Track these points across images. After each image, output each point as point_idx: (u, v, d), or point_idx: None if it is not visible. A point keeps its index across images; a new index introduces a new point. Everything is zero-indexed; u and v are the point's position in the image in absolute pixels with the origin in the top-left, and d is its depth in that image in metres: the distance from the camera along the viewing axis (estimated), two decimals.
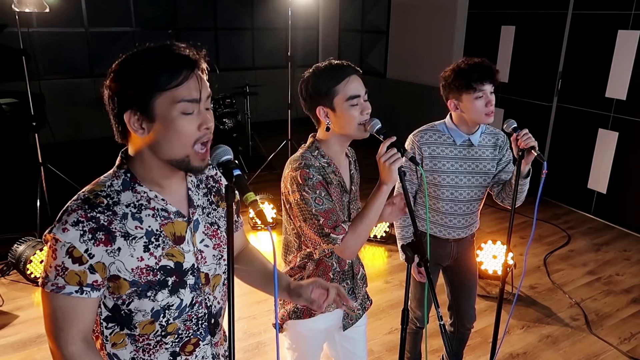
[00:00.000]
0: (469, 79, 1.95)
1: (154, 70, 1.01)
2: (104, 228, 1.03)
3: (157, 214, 1.10)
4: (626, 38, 4.41)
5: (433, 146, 2.09)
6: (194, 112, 1.03)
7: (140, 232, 1.07)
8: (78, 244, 1.01)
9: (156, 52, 1.04)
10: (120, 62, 1.05)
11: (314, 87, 1.57)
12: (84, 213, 1.03)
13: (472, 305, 2.37)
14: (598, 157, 4.81)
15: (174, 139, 1.03)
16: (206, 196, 1.22)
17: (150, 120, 1.02)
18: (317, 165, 1.57)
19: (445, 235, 2.21)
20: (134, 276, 1.06)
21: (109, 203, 1.06)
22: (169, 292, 1.11)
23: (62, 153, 5.51)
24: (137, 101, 1.02)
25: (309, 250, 1.66)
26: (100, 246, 1.03)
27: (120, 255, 1.05)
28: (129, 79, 1.02)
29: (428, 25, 6.27)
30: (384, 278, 3.74)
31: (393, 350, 2.91)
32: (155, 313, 1.11)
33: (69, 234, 1.01)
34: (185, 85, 1.02)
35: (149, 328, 1.12)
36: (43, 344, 2.91)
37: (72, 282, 1.03)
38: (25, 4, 3.81)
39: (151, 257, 1.08)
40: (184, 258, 1.13)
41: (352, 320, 1.83)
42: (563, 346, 3.01)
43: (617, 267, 3.98)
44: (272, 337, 3.01)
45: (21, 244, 3.49)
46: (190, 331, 1.18)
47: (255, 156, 6.29)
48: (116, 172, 1.10)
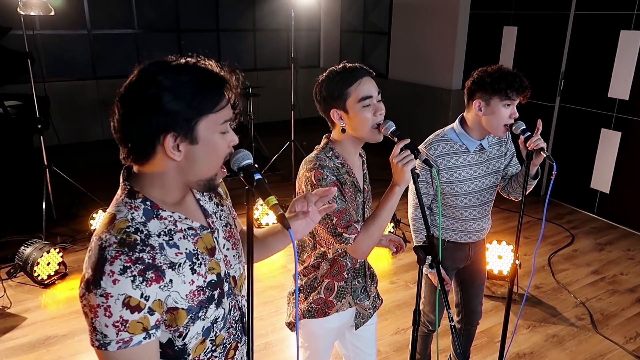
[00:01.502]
0: (510, 86, 1.94)
1: (202, 94, 0.98)
2: (151, 266, 0.98)
3: (186, 234, 1.07)
4: (629, 38, 4.43)
5: (448, 157, 2.08)
6: (227, 132, 1.05)
7: (182, 257, 1.04)
8: (132, 292, 0.94)
9: (197, 73, 1.00)
10: (156, 83, 0.97)
11: (327, 90, 1.59)
12: (127, 258, 0.96)
13: (480, 302, 2.42)
14: (601, 157, 4.83)
15: (211, 159, 1.03)
16: (211, 200, 1.21)
17: (192, 142, 0.99)
18: (331, 166, 1.59)
19: (466, 240, 2.24)
20: (189, 302, 1.04)
21: (142, 238, 1.00)
22: (215, 305, 1.10)
23: (66, 155, 5.52)
24: (181, 124, 0.97)
25: (323, 250, 1.68)
26: (152, 285, 0.97)
27: (174, 286, 1.02)
28: (172, 102, 0.96)
29: (430, 26, 6.29)
30: (389, 278, 3.75)
31: (400, 351, 2.93)
32: (206, 331, 1.10)
33: (120, 284, 0.93)
34: (227, 106, 1.03)
35: (201, 348, 1.11)
36: (52, 345, 2.92)
37: (137, 331, 0.97)
38: (30, 7, 3.83)
39: (199, 277, 1.07)
40: (220, 268, 1.13)
41: (364, 319, 1.85)
42: (569, 346, 3.03)
43: (621, 267, 4.00)
44: (280, 338, 3.02)
45: (28, 246, 3.50)
46: (231, 337, 1.19)
47: (258, 157, 6.30)
48: (131, 203, 1.03)
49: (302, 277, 1.76)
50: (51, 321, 3.15)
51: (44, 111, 4.46)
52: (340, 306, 1.75)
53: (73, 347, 2.90)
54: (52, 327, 3.08)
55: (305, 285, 1.75)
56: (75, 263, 3.78)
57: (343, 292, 1.74)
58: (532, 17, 5.22)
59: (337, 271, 1.72)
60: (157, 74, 0.97)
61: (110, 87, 6.72)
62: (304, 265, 1.75)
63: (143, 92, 0.97)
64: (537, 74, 5.17)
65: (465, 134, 2.09)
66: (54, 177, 4.40)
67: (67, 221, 4.45)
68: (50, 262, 3.52)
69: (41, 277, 3.48)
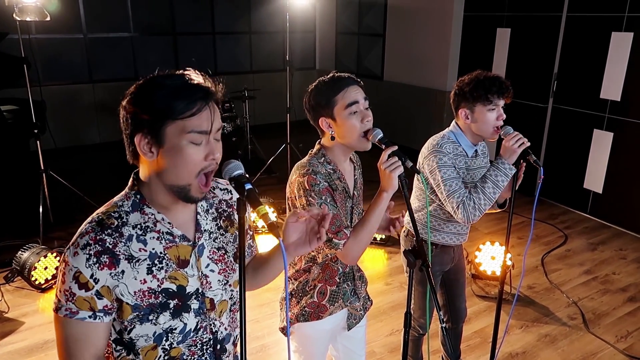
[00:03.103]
0: (488, 91, 2.00)
1: (171, 98, 1.03)
2: (108, 251, 1.04)
3: (162, 236, 1.11)
4: (620, 40, 4.48)
5: (454, 158, 2.11)
6: (202, 142, 1.05)
7: (144, 254, 1.08)
8: (84, 269, 1.03)
9: (174, 79, 1.06)
10: (139, 86, 1.06)
11: (315, 99, 1.63)
12: (94, 236, 1.04)
13: (465, 300, 2.50)
14: (593, 158, 4.88)
15: (179, 167, 1.05)
16: (215, 221, 1.22)
17: (159, 145, 1.04)
18: (324, 172, 1.63)
19: (456, 242, 2.29)
20: (136, 299, 1.07)
21: (118, 224, 1.07)
22: (170, 314, 1.12)
23: (63, 159, 5.54)
24: (149, 125, 1.04)
25: (314, 254, 1.72)
26: (104, 270, 1.04)
27: (124, 278, 1.06)
28: (144, 103, 1.04)
29: (424, 28, 6.33)
30: (384, 280, 3.79)
31: (394, 352, 2.96)
32: (158, 337, 1.12)
33: (78, 258, 1.03)
34: (198, 116, 1.04)
35: (152, 354, 1.13)
36: (50, 349, 2.94)
37: (84, 307, 1.04)
38: (26, 13, 3.85)
39: (154, 279, 1.09)
40: (188, 282, 1.14)
41: (355, 320, 1.89)
42: (561, 345, 3.07)
43: (614, 266, 4.04)
44: (276, 340, 3.05)
45: (25, 251, 3.53)
46: (195, 356, 1.19)
47: (255, 160, 6.32)
48: (127, 193, 1.13)
49: (293, 281, 1.78)
50: (49, 325, 3.17)
51: (40, 115, 4.48)
52: (333, 310, 1.79)
53: None
54: (50, 332, 3.10)
55: (297, 289, 1.78)
56: None
57: (336, 296, 1.78)
58: (525, 19, 5.27)
59: (330, 275, 1.75)
60: (144, 81, 1.06)
61: (107, 91, 6.77)
62: (294, 269, 1.78)
63: (130, 93, 1.08)
64: (530, 76, 5.22)
65: (464, 137, 2.15)
66: (50, 182, 4.42)
67: (64, 225, 4.47)
68: (48, 267, 3.55)
69: (39, 281, 3.50)
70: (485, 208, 2.00)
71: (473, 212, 2.00)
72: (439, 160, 2.06)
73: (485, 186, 1.99)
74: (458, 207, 2.01)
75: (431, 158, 2.09)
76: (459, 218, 2.03)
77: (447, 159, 2.06)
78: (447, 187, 2.04)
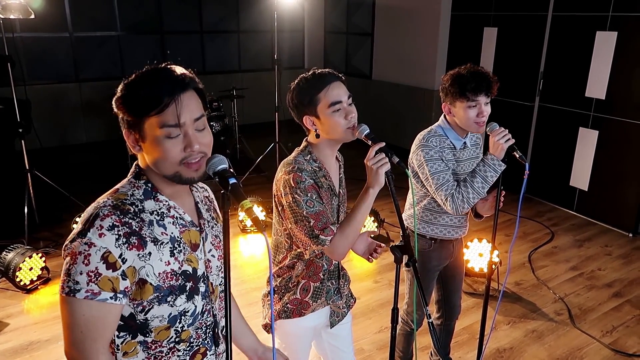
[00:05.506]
0: (464, 88, 2.00)
1: (138, 97, 1.08)
2: (136, 233, 1.08)
3: (176, 221, 1.17)
4: (604, 39, 4.54)
5: (441, 151, 2.13)
6: (178, 135, 1.09)
7: (166, 237, 1.13)
8: (113, 249, 1.04)
9: (142, 78, 1.10)
10: (121, 86, 1.12)
11: (298, 97, 1.63)
12: (118, 218, 1.06)
13: (460, 297, 2.50)
14: (579, 155, 4.93)
15: (161, 159, 1.10)
16: (208, 212, 1.30)
17: (143, 140, 1.11)
18: (309, 169, 1.63)
19: (454, 235, 2.30)
20: (159, 281, 1.11)
21: (136, 210, 1.11)
22: (186, 297, 1.16)
23: (48, 159, 5.48)
24: (131, 123, 1.11)
25: (300, 251, 1.71)
26: (132, 250, 1.07)
27: (151, 260, 1.10)
28: (121, 104, 1.10)
29: (412, 27, 6.35)
30: (373, 278, 3.80)
31: (383, 349, 2.97)
32: (172, 319, 1.15)
33: (105, 238, 1.03)
34: (166, 111, 1.07)
35: (164, 334, 1.16)
36: (34, 351, 2.91)
37: (106, 288, 1.04)
38: (10, 10, 3.80)
39: (176, 261, 1.14)
40: (198, 265, 1.20)
41: (338, 317, 1.89)
42: (548, 340, 3.10)
43: (599, 262, 4.09)
44: (263, 339, 3.03)
45: (10, 252, 3.48)
46: (200, 339, 1.23)
47: (244, 159, 6.31)
48: (135, 183, 1.16)
49: (276, 278, 1.79)
50: (34, 326, 3.13)
51: (25, 115, 4.43)
52: (315, 306, 1.79)
53: (57, 352, 2.89)
54: (36, 333, 3.07)
55: (279, 285, 1.78)
56: (58, 267, 3.75)
57: (319, 293, 1.78)
58: (512, 18, 5.31)
59: (314, 272, 1.75)
60: (127, 79, 1.11)
61: (93, 90, 6.70)
62: (279, 266, 1.77)
63: (116, 93, 1.13)
64: (517, 74, 5.27)
65: (452, 130, 2.16)
66: (36, 182, 4.37)
67: (49, 226, 4.42)
68: (33, 267, 3.50)
69: (23, 282, 3.45)
70: (473, 201, 2.03)
71: (462, 205, 2.03)
72: (426, 154, 2.09)
73: (474, 181, 2.01)
74: (447, 199, 2.05)
75: (418, 152, 2.13)
76: (448, 209, 2.07)
77: (434, 152, 2.09)
78: (436, 180, 2.07)
